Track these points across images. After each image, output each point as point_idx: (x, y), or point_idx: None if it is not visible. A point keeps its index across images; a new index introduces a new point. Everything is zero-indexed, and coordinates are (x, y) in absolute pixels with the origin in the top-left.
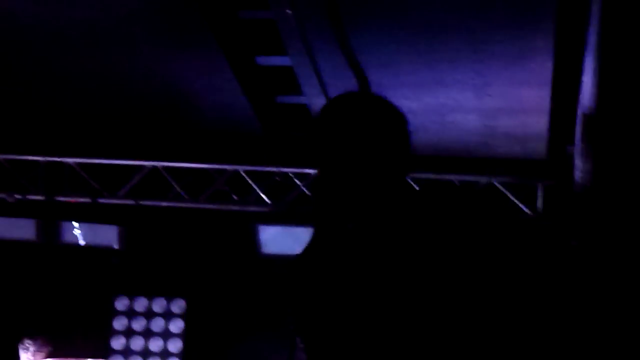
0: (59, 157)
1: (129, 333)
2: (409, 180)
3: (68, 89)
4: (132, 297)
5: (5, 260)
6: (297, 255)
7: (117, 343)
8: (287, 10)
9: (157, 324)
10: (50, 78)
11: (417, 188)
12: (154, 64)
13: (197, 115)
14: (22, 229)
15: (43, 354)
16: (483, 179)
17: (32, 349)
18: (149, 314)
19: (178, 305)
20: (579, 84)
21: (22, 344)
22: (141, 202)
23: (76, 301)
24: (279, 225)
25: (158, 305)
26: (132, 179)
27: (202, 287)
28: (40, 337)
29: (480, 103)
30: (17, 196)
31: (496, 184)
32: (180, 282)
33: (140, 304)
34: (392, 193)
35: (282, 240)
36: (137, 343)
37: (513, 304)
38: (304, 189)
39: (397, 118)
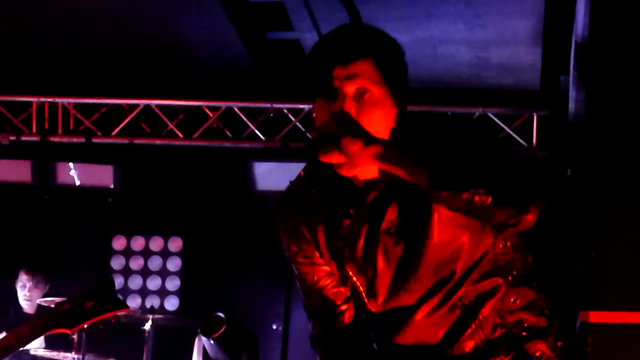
0: (51, 97)
1: (126, 272)
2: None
3: (58, 29)
4: (129, 236)
5: (1, 202)
6: (286, 187)
7: (115, 282)
8: None
9: (155, 263)
10: (39, 18)
11: (412, 121)
12: (146, 2)
13: (189, 53)
14: (17, 171)
15: (40, 291)
16: (476, 111)
17: (29, 285)
18: (147, 253)
19: (175, 243)
20: (572, 13)
21: (20, 281)
22: (135, 141)
23: (73, 241)
24: (273, 161)
25: (155, 243)
26: (126, 118)
27: (198, 225)
28: (38, 274)
29: (472, 34)
30: (11, 137)
31: (490, 115)
32: (177, 220)
33: (137, 243)
34: (388, 125)
35: (277, 175)
36: (135, 282)
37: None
38: (298, 124)
39: (393, 47)
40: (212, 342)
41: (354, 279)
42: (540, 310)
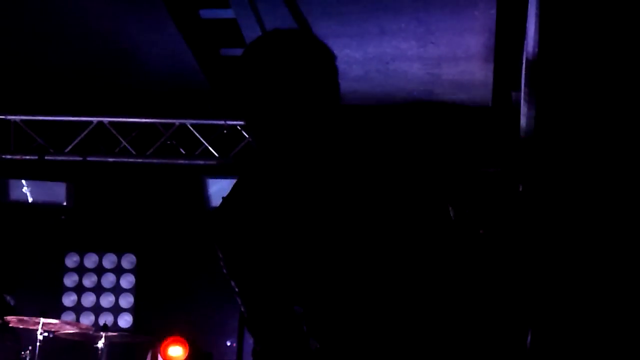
0: (3, 114)
1: (80, 289)
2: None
3: (9, 43)
4: (82, 253)
5: None
6: (221, 201)
7: (69, 300)
8: None
9: (108, 280)
10: None
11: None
12: (98, 19)
13: (143, 70)
14: None
15: None
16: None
17: None
18: (100, 270)
19: (128, 260)
20: (523, 30)
21: None
22: (88, 158)
23: (27, 259)
24: (227, 177)
25: (108, 260)
26: (79, 135)
27: (152, 242)
28: None
29: (424, 51)
30: None
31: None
32: (130, 237)
33: (91, 260)
34: (316, 129)
35: None
36: (89, 299)
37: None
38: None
39: (322, 52)
40: None
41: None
42: None
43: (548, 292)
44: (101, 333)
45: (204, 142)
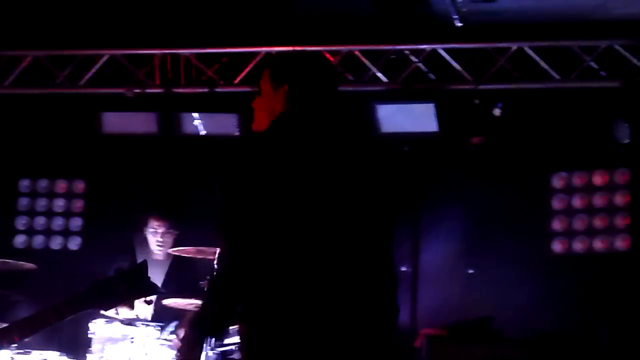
0: (173, 49)
1: None
2: None
3: None
4: None
5: (130, 153)
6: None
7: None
8: None
9: None
10: None
11: None
12: None
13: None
14: (144, 123)
15: (171, 237)
16: (603, 43)
17: (161, 230)
18: None
19: None
20: None
21: (150, 227)
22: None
23: (199, 190)
24: (395, 103)
25: None
26: (246, 66)
27: None
28: (168, 220)
29: None
30: (136, 90)
31: (616, 47)
32: None
33: None
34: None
35: (400, 117)
36: None
37: None
38: (420, 65)
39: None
40: None
41: None
42: None
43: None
44: None
45: (371, 67)
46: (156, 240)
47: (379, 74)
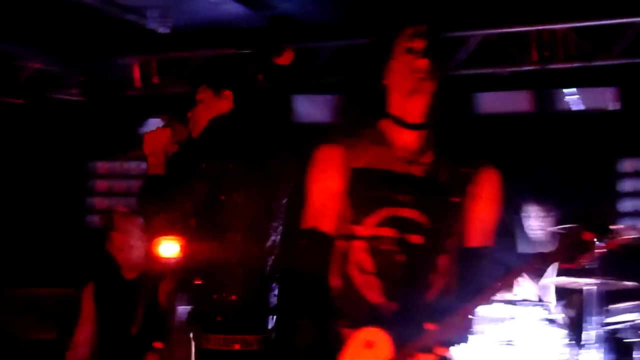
0: (550, 24)
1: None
2: None
3: None
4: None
5: (506, 133)
6: None
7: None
8: None
9: None
10: None
11: None
12: None
13: None
14: (518, 101)
15: (552, 219)
16: None
17: (542, 214)
18: None
19: None
20: None
21: (531, 211)
22: (637, 61)
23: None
24: None
25: None
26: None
27: None
28: (547, 202)
29: None
30: (509, 69)
31: None
32: None
33: None
34: None
35: None
36: None
37: None
38: None
39: None
40: None
41: None
42: None
43: None
44: None
45: None
46: (538, 224)
47: None
